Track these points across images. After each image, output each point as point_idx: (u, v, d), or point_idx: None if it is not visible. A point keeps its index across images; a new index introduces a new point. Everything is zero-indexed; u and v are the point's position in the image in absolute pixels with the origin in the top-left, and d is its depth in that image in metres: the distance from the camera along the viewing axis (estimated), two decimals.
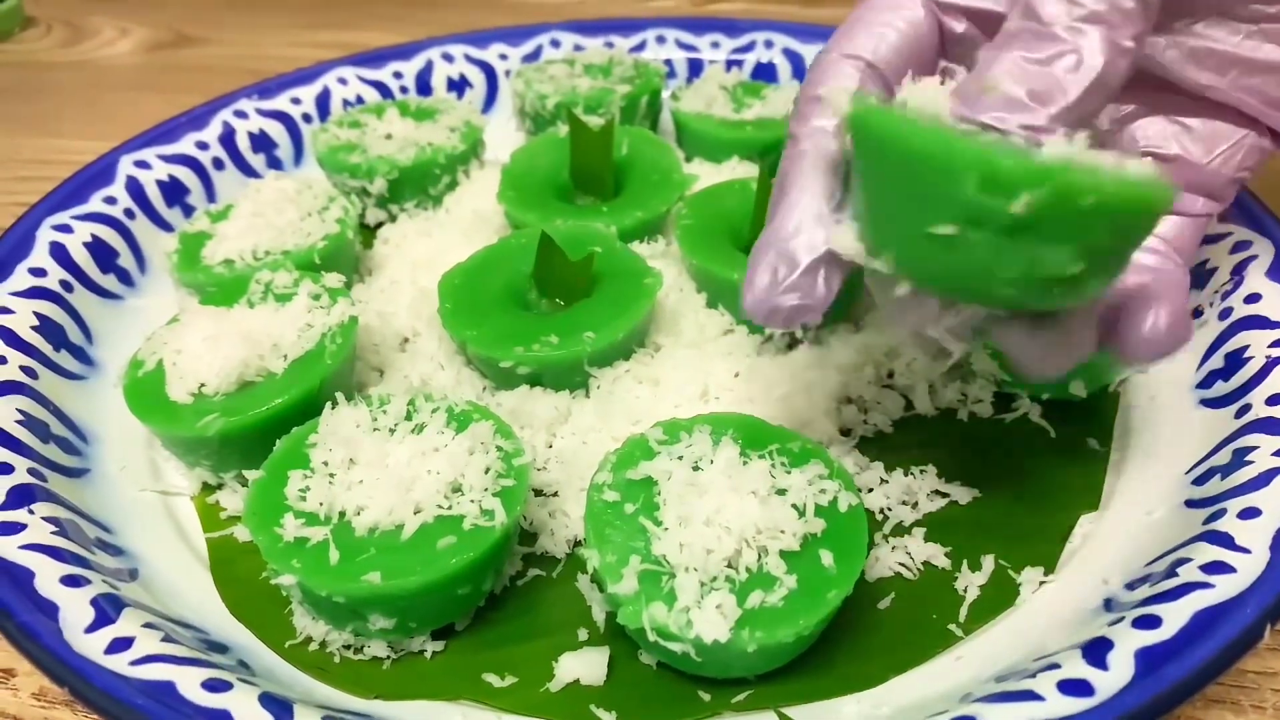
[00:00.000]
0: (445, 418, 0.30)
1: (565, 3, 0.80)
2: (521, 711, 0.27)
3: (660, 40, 0.59)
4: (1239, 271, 0.36)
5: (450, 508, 0.28)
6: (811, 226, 0.25)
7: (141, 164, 0.46)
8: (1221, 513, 0.27)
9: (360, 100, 0.55)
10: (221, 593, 0.31)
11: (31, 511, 0.29)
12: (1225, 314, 0.35)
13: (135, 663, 0.25)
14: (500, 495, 0.28)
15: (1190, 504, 0.29)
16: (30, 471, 0.31)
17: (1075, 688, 0.23)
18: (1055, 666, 0.24)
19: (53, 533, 0.29)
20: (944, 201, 0.21)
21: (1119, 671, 0.23)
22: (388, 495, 0.27)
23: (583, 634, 0.29)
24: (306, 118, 0.53)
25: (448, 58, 0.58)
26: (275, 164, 0.52)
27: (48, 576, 0.27)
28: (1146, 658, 0.23)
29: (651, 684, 0.27)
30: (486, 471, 0.29)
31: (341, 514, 0.28)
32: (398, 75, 0.57)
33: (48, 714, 0.28)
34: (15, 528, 0.29)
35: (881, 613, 0.29)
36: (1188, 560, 0.26)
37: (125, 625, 0.26)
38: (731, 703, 0.27)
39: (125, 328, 0.40)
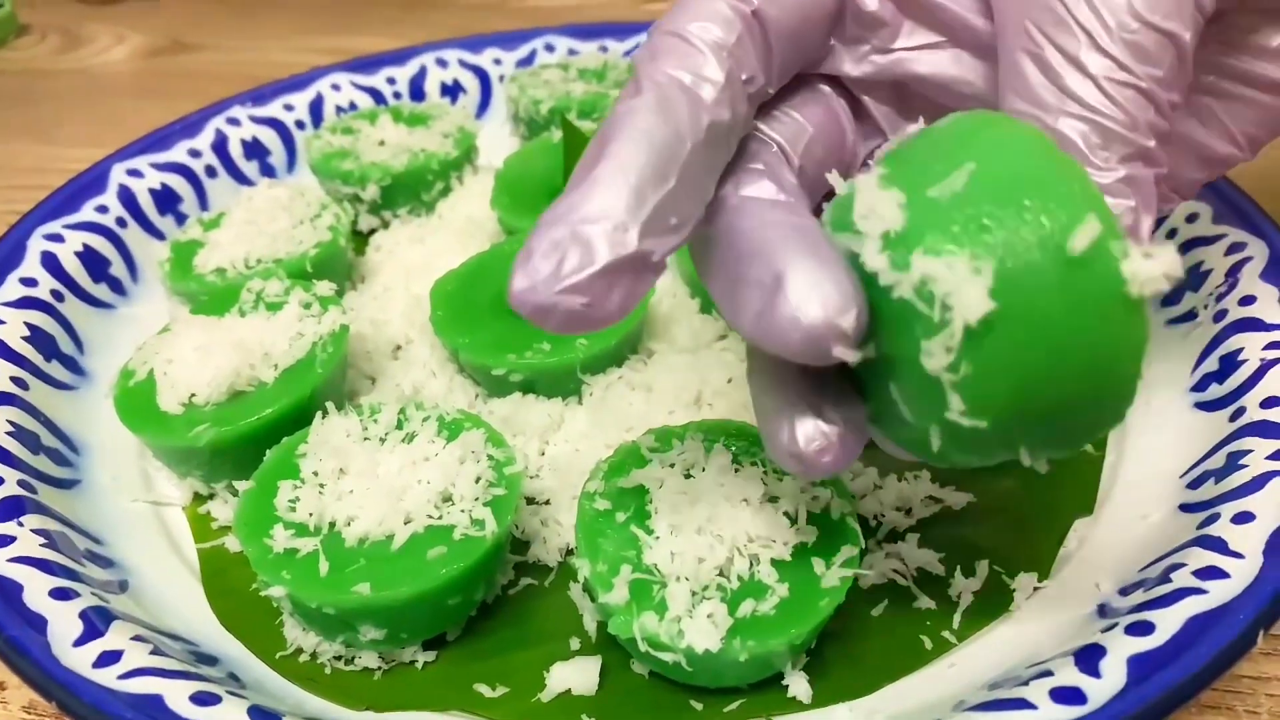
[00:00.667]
0: (436, 426, 0.30)
1: (561, 7, 0.80)
2: None
3: None
4: (1233, 274, 0.35)
5: (441, 517, 0.28)
6: (624, 213, 0.19)
7: (134, 172, 0.46)
8: (1215, 517, 0.27)
9: (354, 106, 0.55)
10: (212, 604, 0.30)
11: (21, 524, 0.29)
12: (1220, 316, 0.35)
13: (124, 676, 0.25)
14: (491, 505, 0.28)
15: (1185, 508, 0.29)
16: (20, 483, 0.31)
17: (1068, 695, 0.23)
18: (1048, 674, 0.24)
19: (42, 545, 0.29)
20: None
21: (1111, 678, 0.23)
22: (378, 505, 0.27)
23: (575, 643, 0.29)
24: (300, 124, 0.53)
25: (441, 63, 0.58)
26: (268, 171, 0.52)
27: (36, 589, 0.27)
28: (1139, 664, 0.23)
29: (643, 694, 0.27)
30: (478, 481, 0.28)
31: (331, 524, 0.28)
32: (391, 81, 0.56)
33: None
34: (5, 540, 0.28)
35: (875, 620, 0.29)
36: (1181, 565, 0.26)
37: (114, 638, 0.26)
38: (724, 712, 0.27)
39: (117, 337, 0.40)
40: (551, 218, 0.20)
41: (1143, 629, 0.24)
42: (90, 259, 0.42)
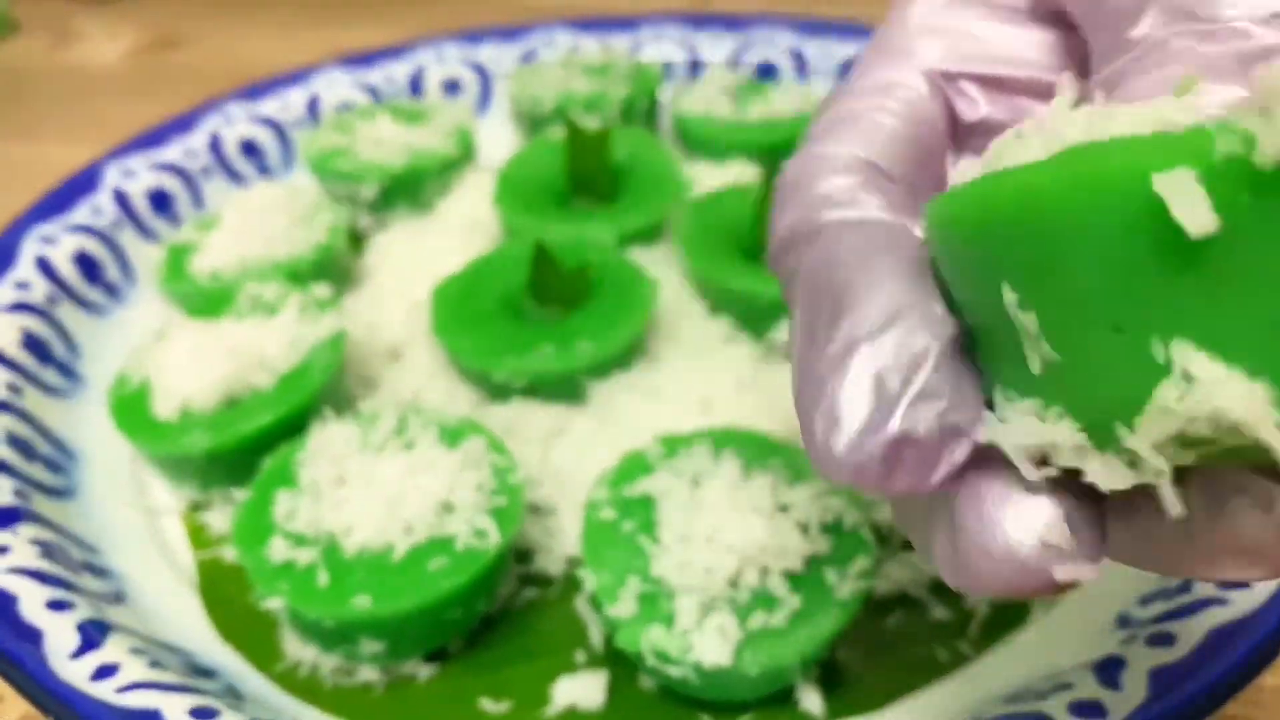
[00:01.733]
0: (437, 433, 0.29)
1: (562, 2, 0.79)
2: None
3: (659, 39, 0.59)
4: None
5: (442, 528, 0.27)
6: (914, 299, 0.15)
7: (128, 173, 0.46)
8: None
9: (351, 104, 0.54)
10: (210, 615, 0.30)
11: (16, 534, 0.29)
12: None
13: (121, 690, 0.24)
14: (494, 514, 0.27)
15: None
16: (15, 493, 0.30)
17: (1087, 709, 0.22)
18: (1067, 687, 0.23)
19: (38, 555, 0.28)
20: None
21: (1132, 691, 0.23)
22: (377, 515, 0.27)
23: (580, 656, 0.28)
24: (296, 122, 0.52)
25: (441, 59, 0.57)
26: (265, 170, 0.51)
27: (32, 601, 0.26)
28: (1160, 677, 0.23)
29: (651, 708, 0.27)
30: (479, 489, 0.28)
31: (330, 535, 0.27)
32: (389, 78, 0.56)
33: None
34: (0, 551, 0.28)
35: (889, 631, 0.28)
36: None
37: (111, 651, 0.25)
38: None
39: (112, 342, 0.39)
40: (822, 358, 0.15)
41: (1164, 640, 0.24)
42: (84, 262, 0.41)
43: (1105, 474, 0.12)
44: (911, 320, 0.14)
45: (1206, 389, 0.10)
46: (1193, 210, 0.10)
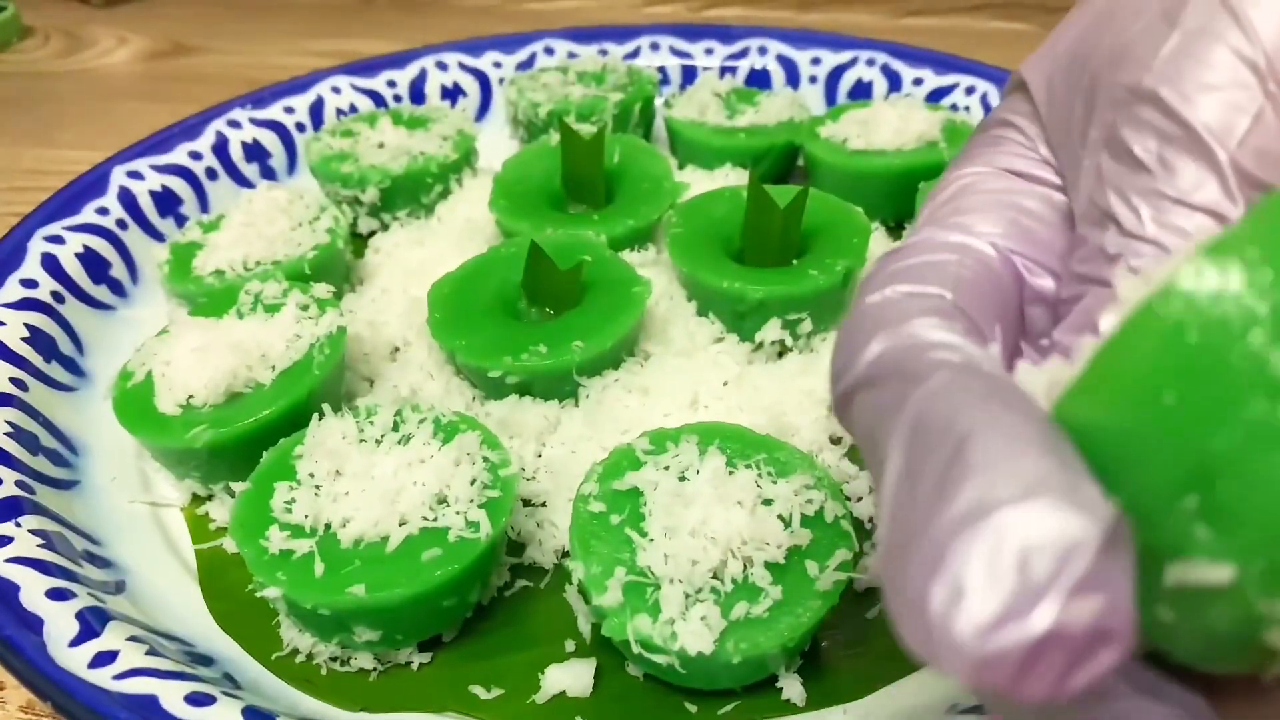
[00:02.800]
0: (432, 429, 0.30)
1: (560, 10, 0.80)
2: None
3: (654, 47, 0.60)
4: None
5: (436, 519, 0.28)
6: (1069, 476, 0.12)
7: (134, 174, 0.47)
8: None
9: (354, 109, 0.55)
10: (209, 605, 0.31)
11: (19, 524, 0.29)
12: None
13: (119, 676, 0.25)
14: (486, 507, 0.28)
15: None
16: (18, 484, 0.31)
17: None
18: None
19: (40, 546, 0.29)
20: None
21: None
22: (373, 507, 0.27)
23: (570, 646, 0.29)
24: (300, 127, 0.53)
25: (442, 66, 0.58)
26: (269, 173, 0.52)
27: (33, 590, 0.27)
28: None
29: (638, 696, 0.27)
30: (472, 483, 0.28)
31: (327, 526, 0.28)
32: (391, 84, 0.57)
33: None
34: (2, 541, 0.29)
35: (869, 622, 0.29)
36: None
37: (110, 639, 0.26)
38: (718, 714, 0.27)
39: (117, 339, 0.40)
40: (949, 513, 0.12)
41: None
42: (91, 260, 0.42)
43: None
44: (1061, 496, 0.12)
45: None
46: None
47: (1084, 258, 0.19)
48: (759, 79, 0.58)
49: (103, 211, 0.44)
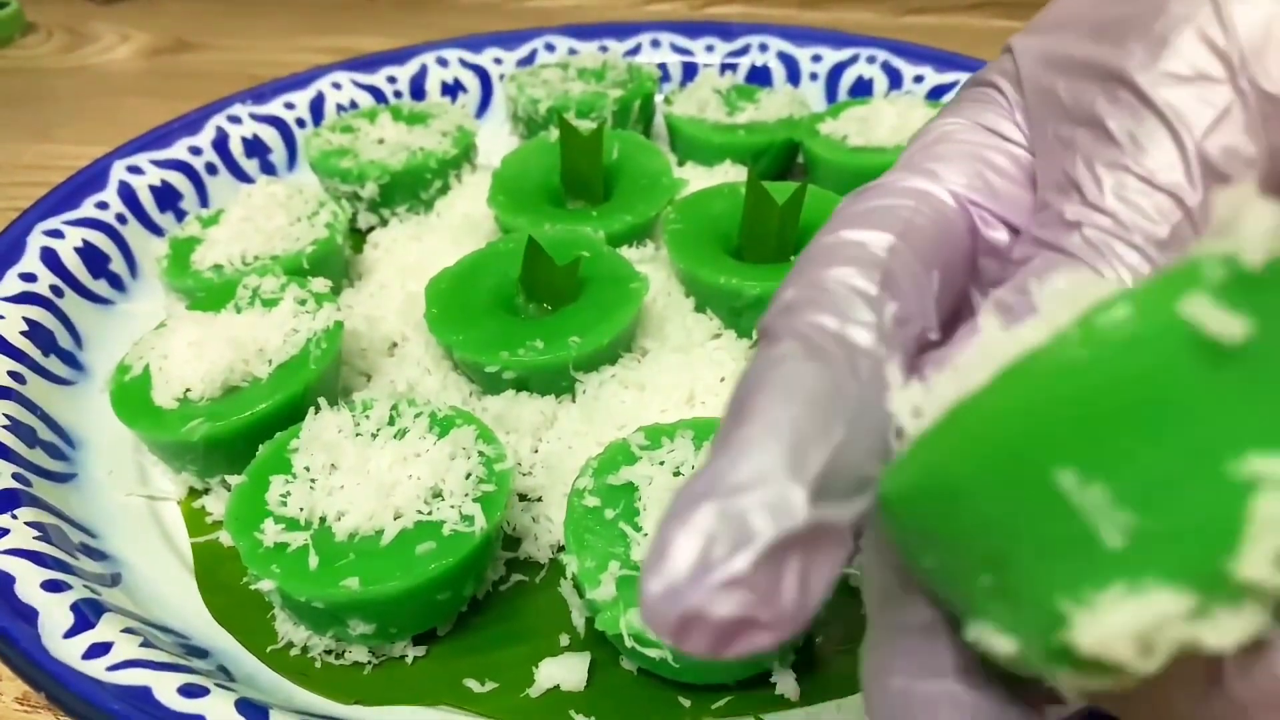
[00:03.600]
0: (428, 423, 0.30)
1: (561, 8, 0.80)
2: (501, 717, 0.27)
3: (655, 44, 0.60)
4: None
5: (430, 513, 0.28)
6: (784, 475, 0.14)
7: (134, 169, 0.47)
8: None
9: (354, 105, 0.55)
10: (205, 598, 0.31)
11: (15, 517, 0.29)
12: None
13: (112, 668, 0.25)
14: (481, 501, 0.28)
15: None
16: (15, 477, 0.31)
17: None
18: None
19: (35, 538, 0.29)
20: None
21: None
22: (368, 500, 0.27)
23: (564, 639, 0.29)
24: (300, 122, 0.53)
25: (442, 62, 0.58)
26: (269, 169, 0.52)
27: (28, 582, 0.27)
28: None
29: (631, 690, 0.27)
30: (468, 477, 0.28)
31: (322, 519, 0.28)
32: (392, 80, 0.57)
33: (30, 719, 0.28)
34: None
35: (863, 619, 0.29)
36: None
37: (104, 630, 0.26)
38: (711, 709, 0.27)
39: (116, 333, 0.40)
40: (688, 496, 0.14)
41: None
42: (90, 255, 0.42)
43: (1223, 630, 0.11)
44: (768, 491, 0.14)
45: None
46: (1222, 323, 0.10)
47: (1043, 222, 0.20)
48: (760, 76, 0.58)
49: (102, 206, 0.44)
